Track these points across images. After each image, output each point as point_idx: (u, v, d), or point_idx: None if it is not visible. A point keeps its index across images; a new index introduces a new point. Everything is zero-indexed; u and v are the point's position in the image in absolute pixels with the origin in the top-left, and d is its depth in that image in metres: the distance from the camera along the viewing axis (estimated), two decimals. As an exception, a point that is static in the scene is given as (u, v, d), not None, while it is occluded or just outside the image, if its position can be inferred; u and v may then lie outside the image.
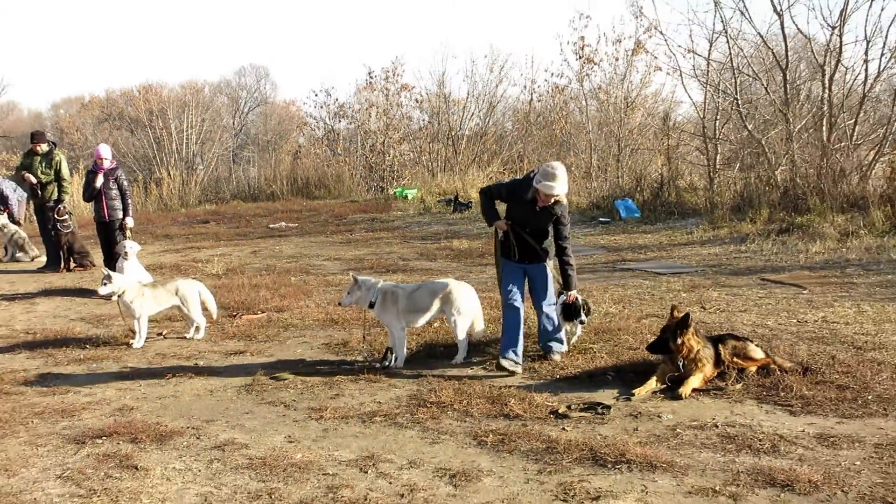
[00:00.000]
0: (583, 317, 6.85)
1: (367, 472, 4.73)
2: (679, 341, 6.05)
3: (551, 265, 6.93)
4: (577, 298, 6.81)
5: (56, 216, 12.40)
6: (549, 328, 6.89)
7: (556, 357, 6.83)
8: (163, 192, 27.03)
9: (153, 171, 30.44)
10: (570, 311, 6.85)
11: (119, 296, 7.90)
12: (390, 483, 4.58)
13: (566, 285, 6.79)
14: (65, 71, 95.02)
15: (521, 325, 6.77)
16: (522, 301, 6.85)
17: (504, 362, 6.54)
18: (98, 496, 4.47)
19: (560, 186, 6.45)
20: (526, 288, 6.98)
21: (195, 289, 8.28)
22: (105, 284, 7.87)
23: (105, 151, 11.52)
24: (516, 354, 6.61)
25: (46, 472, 4.87)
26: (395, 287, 7.05)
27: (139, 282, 8.55)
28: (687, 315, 6.13)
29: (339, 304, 7.01)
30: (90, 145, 33.97)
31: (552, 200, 6.57)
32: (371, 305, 6.90)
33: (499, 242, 7.02)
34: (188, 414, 5.88)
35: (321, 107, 29.25)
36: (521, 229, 6.77)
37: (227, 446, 5.19)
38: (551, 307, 6.90)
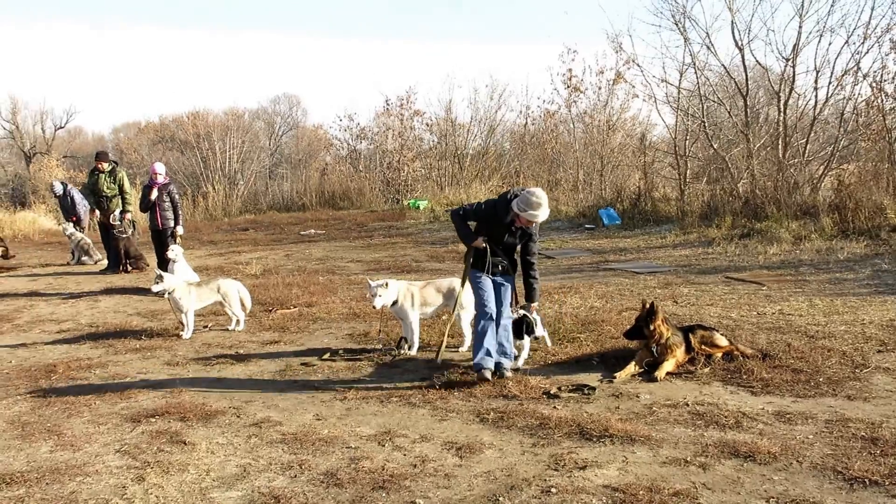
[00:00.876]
0: (536, 333, 6.34)
1: (384, 446, 4.71)
2: (651, 327, 6.03)
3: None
4: (531, 313, 6.25)
5: (110, 222, 12.44)
6: (504, 342, 6.08)
7: (508, 374, 5.98)
8: (209, 204, 27.07)
9: (200, 185, 30.57)
10: (520, 328, 6.20)
11: (169, 293, 7.90)
12: (404, 455, 4.56)
13: (529, 297, 6.20)
14: (124, 99, 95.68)
15: (494, 332, 6.12)
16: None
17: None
18: (151, 467, 4.46)
19: (543, 213, 5.84)
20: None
21: (234, 287, 8.27)
22: (157, 283, 7.87)
23: (159, 168, 11.55)
24: (491, 357, 5.96)
25: (107, 446, 4.86)
26: (409, 285, 7.03)
27: (186, 281, 8.54)
28: (653, 305, 6.12)
29: (374, 307, 6.80)
30: (146, 164, 34.08)
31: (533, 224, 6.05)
32: (394, 303, 6.87)
33: (471, 256, 6.24)
34: (230, 395, 5.86)
35: (345, 130, 29.28)
36: (495, 245, 6.10)
37: (264, 424, 5.18)
38: (509, 320, 6.17)
